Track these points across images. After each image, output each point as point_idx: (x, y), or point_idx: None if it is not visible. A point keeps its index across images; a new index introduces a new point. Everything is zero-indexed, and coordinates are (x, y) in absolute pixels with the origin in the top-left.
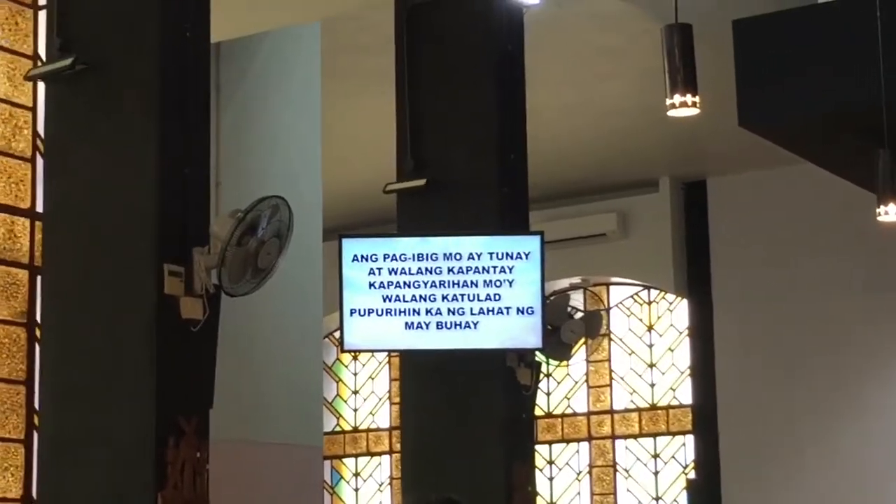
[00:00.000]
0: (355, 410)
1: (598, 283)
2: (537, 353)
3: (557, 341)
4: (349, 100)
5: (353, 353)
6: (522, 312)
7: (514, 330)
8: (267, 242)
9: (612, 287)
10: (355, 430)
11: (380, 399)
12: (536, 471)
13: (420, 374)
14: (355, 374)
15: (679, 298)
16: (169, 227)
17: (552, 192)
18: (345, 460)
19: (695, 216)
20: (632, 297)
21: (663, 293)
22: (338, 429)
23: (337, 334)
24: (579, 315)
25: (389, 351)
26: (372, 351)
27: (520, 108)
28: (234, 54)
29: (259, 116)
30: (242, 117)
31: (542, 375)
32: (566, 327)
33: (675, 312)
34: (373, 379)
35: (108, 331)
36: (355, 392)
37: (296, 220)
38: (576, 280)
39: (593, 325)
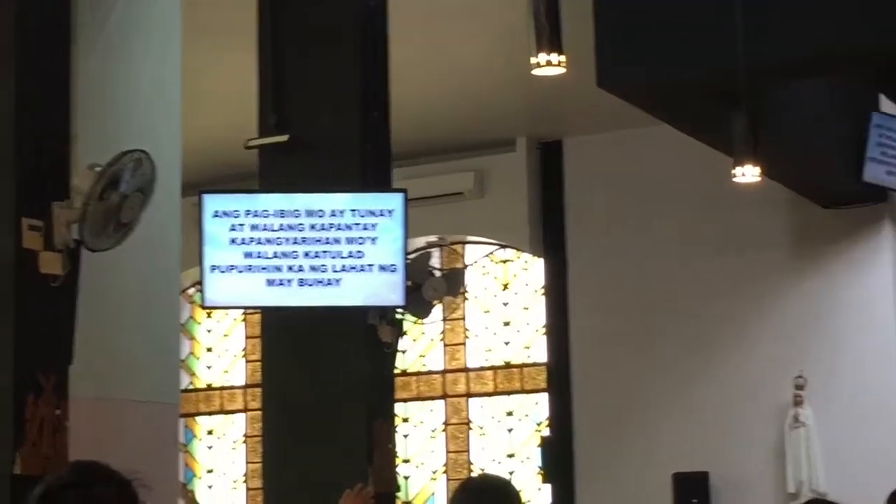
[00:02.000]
0: (209, 368)
1: (454, 242)
2: (399, 310)
3: (419, 299)
4: (211, 53)
5: (207, 311)
6: (385, 270)
7: (377, 287)
8: (130, 196)
9: (468, 246)
10: (209, 388)
11: (235, 357)
12: None
13: (282, 331)
14: (210, 332)
15: (534, 258)
16: (27, 181)
17: (411, 150)
18: (198, 418)
19: (551, 176)
20: (487, 255)
21: (519, 252)
22: (191, 387)
23: (191, 291)
24: (440, 273)
25: (251, 308)
26: (233, 308)
27: (383, 66)
28: (92, 4)
29: (118, 69)
30: (100, 69)
31: (402, 333)
32: (428, 285)
33: (531, 271)
34: (227, 336)
35: None
36: (209, 350)
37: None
38: (432, 238)
39: (454, 284)
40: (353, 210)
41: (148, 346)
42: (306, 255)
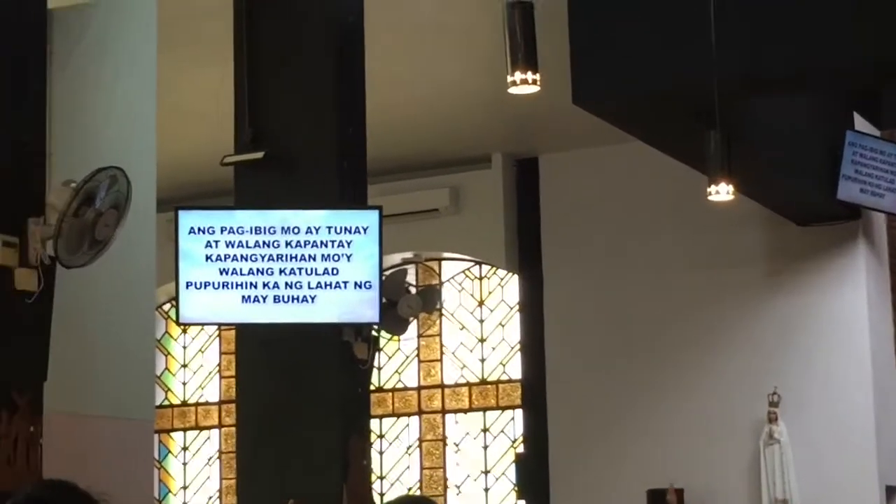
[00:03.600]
0: (184, 384)
1: (430, 259)
2: (374, 327)
3: (394, 316)
4: (186, 69)
5: (182, 327)
6: (360, 287)
7: (352, 304)
8: (105, 213)
9: (443, 262)
10: (184, 403)
11: (209, 373)
12: None
13: (257, 347)
14: (185, 348)
15: (510, 274)
16: (2, 198)
17: (386, 166)
18: (173, 434)
19: (527, 193)
20: (463, 272)
21: (494, 269)
22: (166, 402)
23: (166, 307)
24: (416, 290)
25: (226, 324)
26: (208, 324)
27: (359, 81)
28: (67, 21)
29: (92, 85)
30: (75, 86)
31: (377, 350)
32: (403, 302)
33: (506, 288)
34: (202, 352)
35: None
36: (184, 366)
37: None
38: (408, 255)
39: (430, 300)
40: (328, 227)
41: (123, 363)
42: (281, 271)
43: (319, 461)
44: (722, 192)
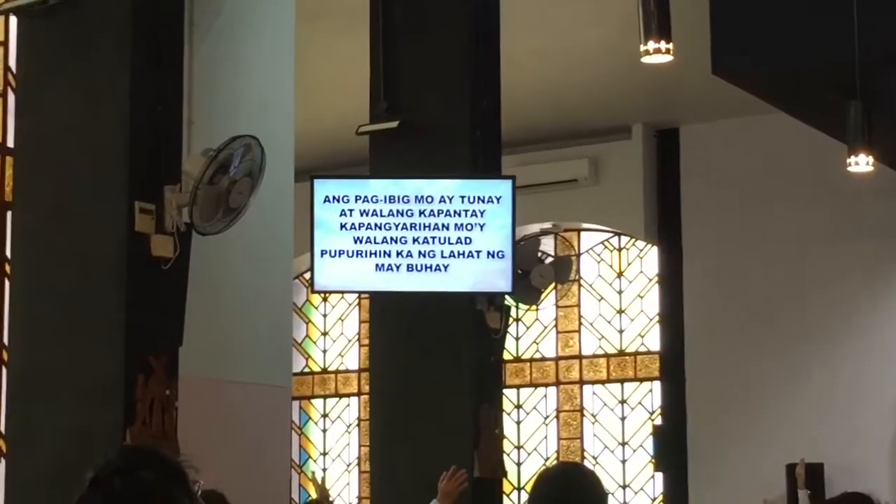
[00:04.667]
0: (324, 351)
1: (568, 229)
2: (507, 296)
3: (527, 285)
4: (324, 40)
5: (322, 294)
6: (493, 256)
7: (485, 273)
8: (239, 181)
9: (582, 233)
10: (324, 371)
11: (349, 340)
12: (504, 414)
13: (390, 316)
14: (325, 316)
15: (649, 245)
16: (140, 165)
17: (524, 136)
18: (313, 401)
19: (667, 164)
20: (602, 243)
21: (633, 240)
22: (307, 370)
23: (307, 276)
24: (549, 260)
25: (360, 292)
26: (342, 292)
27: (494, 53)
28: None
29: (232, 55)
30: (215, 55)
31: (511, 319)
32: (536, 272)
33: (645, 259)
34: (342, 320)
35: (78, 268)
36: (325, 333)
37: (267, 161)
38: (546, 225)
39: (563, 271)
40: (462, 196)
41: (259, 330)
42: (415, 240)
43: (451, 429)
44: (861, 163)
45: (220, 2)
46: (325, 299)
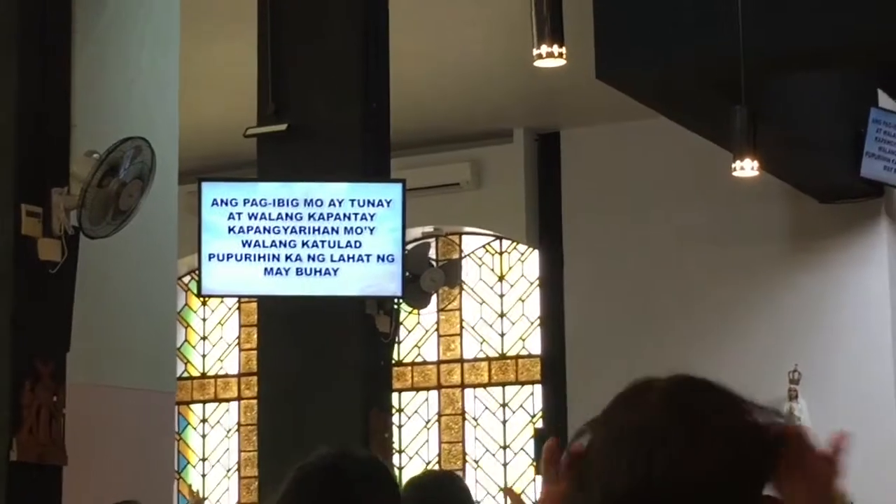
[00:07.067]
0: (204, 356)
1: (451, 233)
2: (396, 300)
3: (417, 289)
4: (209, 40)
5: (202, 299)
6: (383, 260)
7: (374, 277)
8: (129, 184)
9: (464, 237)
10: (203, 375)
11: (229, 345)
12: None
13: (279, 320)
14: (204, 320)
15: (530, 249)
16: (27, 167)
17: (408, 139)
18: (192, 406)
19: (548, 168)
20: (483, 247)
21: (515, 243)
22: (186, 374)
23: (186, 279)
24: (438, 264)
25: (248, 297)
26: (230, 296)
27: (384, 54)
28: None
29: (115, 56)
30: (98, 56)
31: (398, 323)
32: (426, 276)
33: (527, 263)
34: (222, 324)
35: None
36: (204, 338)
37: None
38: (429, 229)
39: (453, 274)
40: (351, 199)
41: (145, 334)
42: (304, 244)
43: (341, 434)
44: (747, 168)
45: (103, 2)
46: (204, 303)
